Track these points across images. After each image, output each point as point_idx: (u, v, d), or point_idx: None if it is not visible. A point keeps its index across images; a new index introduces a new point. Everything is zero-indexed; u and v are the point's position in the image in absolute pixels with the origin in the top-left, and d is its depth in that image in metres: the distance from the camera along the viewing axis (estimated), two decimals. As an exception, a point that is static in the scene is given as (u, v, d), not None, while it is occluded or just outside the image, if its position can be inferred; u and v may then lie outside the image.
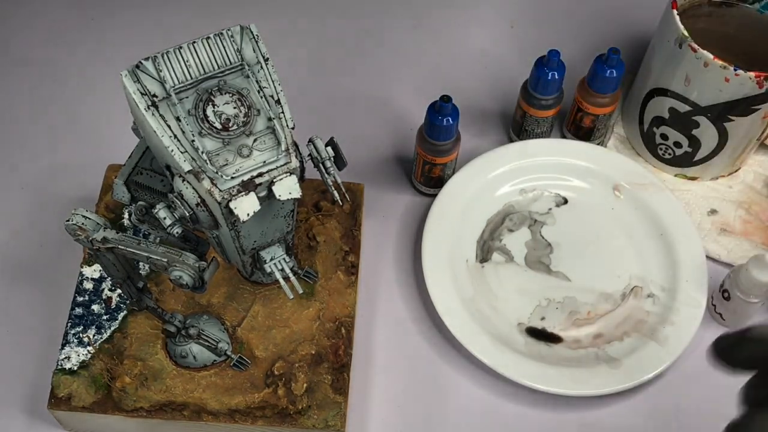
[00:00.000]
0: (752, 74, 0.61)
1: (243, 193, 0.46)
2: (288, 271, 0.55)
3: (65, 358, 0.59)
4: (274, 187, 0.46)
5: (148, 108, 0.44)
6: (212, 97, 0.45)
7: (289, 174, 0.47)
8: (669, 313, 0.65)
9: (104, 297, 0.62)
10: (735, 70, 0.61)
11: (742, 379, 0.44)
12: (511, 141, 0.76)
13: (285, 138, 0.46)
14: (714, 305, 0.67)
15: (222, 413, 0.58)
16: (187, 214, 0.48)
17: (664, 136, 0.70)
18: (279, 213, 0.52)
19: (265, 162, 0.46)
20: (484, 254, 0.69)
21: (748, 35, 0.71)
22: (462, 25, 0.84)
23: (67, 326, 0.60)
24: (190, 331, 0.57)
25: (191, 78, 0.45)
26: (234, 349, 0.60)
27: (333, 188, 0.53)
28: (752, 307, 0.64)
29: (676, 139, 0.70)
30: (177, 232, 0.48)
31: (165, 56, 0.45)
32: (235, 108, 0.46)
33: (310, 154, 0.53)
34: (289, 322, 0.61)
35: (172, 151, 0.45)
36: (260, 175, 0.46)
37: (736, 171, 0.74)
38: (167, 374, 0.59)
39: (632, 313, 0.66)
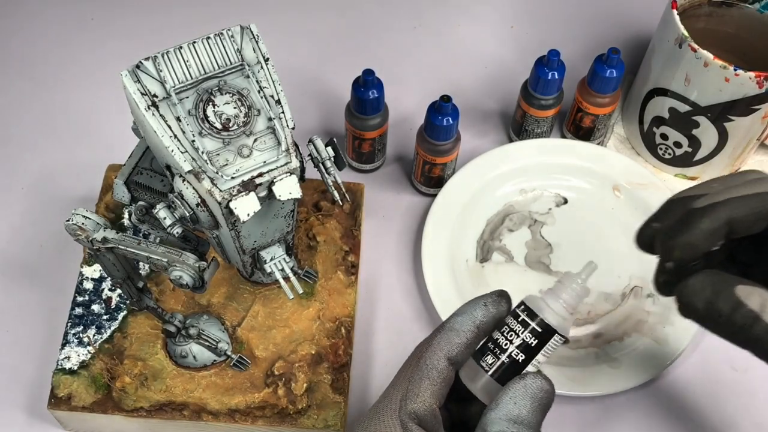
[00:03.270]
0: (752, 74, 0.61)
1: (243, 193, 0.46)
2: (288, 271, 0.55)
3: (65, 358, 0.59)
4: (274, 187, 0.46)
5: (149, 108, 0.44)
6: (212, 97, 0.45)
7: (289, 174, 0.47)
8: (669, 313, 0.65)
9: (104, 297, 0.62)
10: (735, 70, 0.61)
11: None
12: (511, 141, 0.76)
13: (285, 138, 0.46)
14: (714, 305, 0.67)
15: (222, 413, 0.58)
16: (188, 214, 0.48)
17: (664, 136, 0.70)
18: (279, 213, 0.52)
19: (265, 162, 0.46)
20: (484, 254, 0.69)
21: (748, 35, 0.71)
22: (462, 25, 0.84)
23: (67, 326, 0.60)
24: (190, 331, 0.57)
25: (191, 78, 0.45)
26: (234, 349, 0.60)
27: (333, 188, 0.53)
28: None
29: (676, 139, 0.70)
30: (177, 232, 0.48)
31: (165, 56, 0.45)
32: (235, 108, 0.46)
33: (310, 154, 0.53)
34: (289, 322, 0.61)
35: (173, 151, 0.45)
36: (260, 175, 0.46)
37: (736, 171, 0.74)
38: (167, 374, 0.59)
39: (632, 313, 0.66)
